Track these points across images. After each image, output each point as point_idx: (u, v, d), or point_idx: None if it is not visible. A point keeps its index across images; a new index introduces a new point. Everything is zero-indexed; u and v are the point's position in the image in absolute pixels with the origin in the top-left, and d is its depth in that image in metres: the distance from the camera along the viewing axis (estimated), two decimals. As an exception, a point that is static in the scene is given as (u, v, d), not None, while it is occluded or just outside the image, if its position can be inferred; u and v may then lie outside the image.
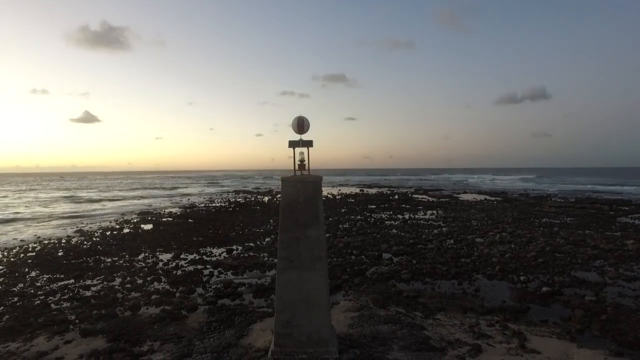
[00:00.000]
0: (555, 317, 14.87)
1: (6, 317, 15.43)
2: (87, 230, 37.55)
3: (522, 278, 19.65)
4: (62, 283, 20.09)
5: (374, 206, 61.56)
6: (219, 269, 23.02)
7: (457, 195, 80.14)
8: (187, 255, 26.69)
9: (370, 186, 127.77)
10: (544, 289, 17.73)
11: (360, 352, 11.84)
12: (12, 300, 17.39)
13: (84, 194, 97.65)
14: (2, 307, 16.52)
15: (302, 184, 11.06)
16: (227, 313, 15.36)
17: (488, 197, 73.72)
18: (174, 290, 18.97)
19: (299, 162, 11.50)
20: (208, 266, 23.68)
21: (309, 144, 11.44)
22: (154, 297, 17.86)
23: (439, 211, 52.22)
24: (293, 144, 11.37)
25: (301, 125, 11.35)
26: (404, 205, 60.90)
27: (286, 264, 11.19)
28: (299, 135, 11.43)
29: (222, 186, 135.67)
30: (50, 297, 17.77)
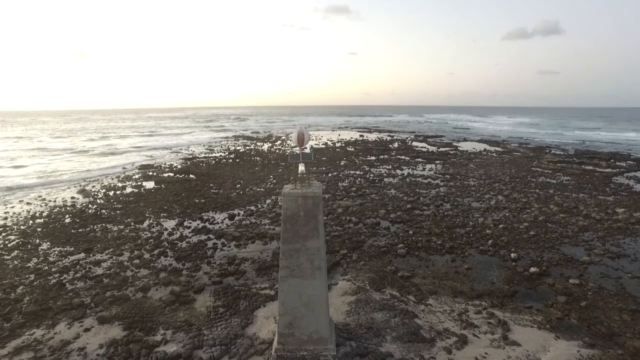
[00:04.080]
0: (539, 303, 15.93)
1: (27, 298, 16.46)
2: (91, 190, 38.16)
3: (512, 255, 20.59)
4: (74, 258, 21.02)
5: (373, 157, 61.78)
6: (222, 240, 23.93)
7: (457, 144, 79.99)
8: (190, 223, 27.53)
9: (370, 130, 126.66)
10: (532, 269, 18.69)
11: (356, 345, 12.96)
12: (30, 278, 18.38)
13: (84, 142, 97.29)
14: (21, 287, 17.53)
15: (302, 198, 11.28)
16: (232, 296, 16.39)
17: (487, 147, 73.65)
18: (181, 266, 19.97)
19: (299, 174, 11.60)
20: (211, 236, 24.58)
21: (308, 157, 11.44)
22: (162, 275, 18.89)
23: (438, 166, 52.58)
24: (294, 158, 11.37)
25: (301, 139, 11.24)
26: (403, 157, 61.06)
27: (287, 273, 11.82)
28: (299, 148, 11.40)
29: (221, 130, 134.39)
30: (65, 276, 18.75)
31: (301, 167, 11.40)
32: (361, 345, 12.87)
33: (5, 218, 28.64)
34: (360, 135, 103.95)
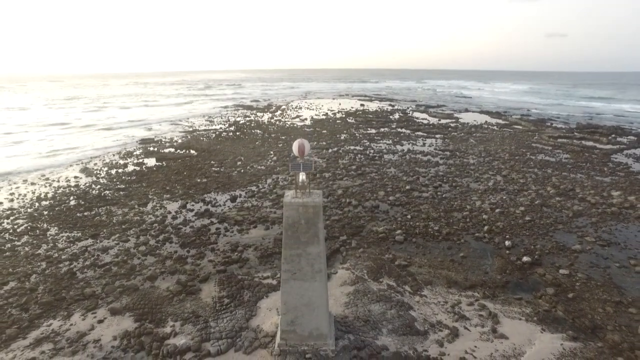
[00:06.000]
0: (529, 294, 16.73)
1: (41, 287, 17.25)
2: (93, 169, 38.49)
3: (507, 243, 21.24)
4: (82, 244, 21.71)
5: (373, 131, 61.55)
6: (225, 224, 24.57)
7: (458, 116, 79.26)
8: (193, 205, 28.09)
9: (371, 99, 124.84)
10: (525, 258, 19.39)
11: (354, 338, 13.82)
12: (41, 266, 19.14)
13: (83, 113, 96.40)
14: (34, 275, 18.32)
15: (303, 207, 11.67)
16: (236, 286, 17.16)
17: (488, 120, 73.18)
18: (186, 253, 20.69)
19: (300, 183, 11.90)
20: (214, 220, 25.20)
21: (309, 167, 11.70)
22: (168, 262, 19.64)
23: (438, 140, 52.53)
24: (295, 168, 11.65)
25: (302, 149, 11.47)
26: (403, 131, 60.76)
27: (289, 276, 12.43)
28: (300, 158, 11.64)
29: (220, 99, 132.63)
30: (74, 264, 19.49)
31: (302, 176, 11.68)
32: (358, 338, 13.72)
33: (12, 200, 29.19)
34: (361, 105, 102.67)
